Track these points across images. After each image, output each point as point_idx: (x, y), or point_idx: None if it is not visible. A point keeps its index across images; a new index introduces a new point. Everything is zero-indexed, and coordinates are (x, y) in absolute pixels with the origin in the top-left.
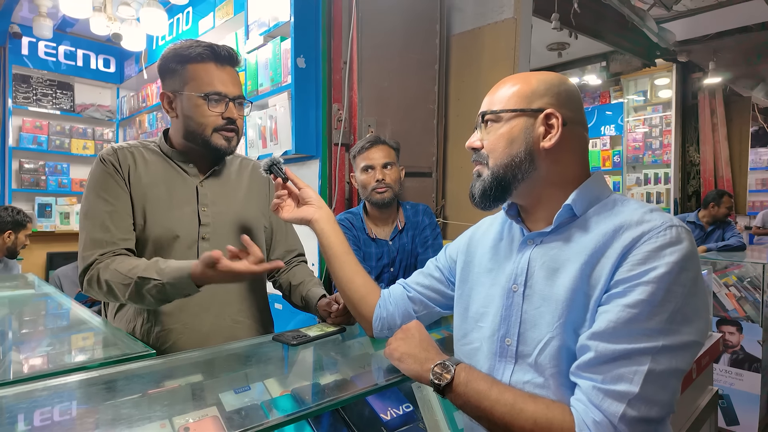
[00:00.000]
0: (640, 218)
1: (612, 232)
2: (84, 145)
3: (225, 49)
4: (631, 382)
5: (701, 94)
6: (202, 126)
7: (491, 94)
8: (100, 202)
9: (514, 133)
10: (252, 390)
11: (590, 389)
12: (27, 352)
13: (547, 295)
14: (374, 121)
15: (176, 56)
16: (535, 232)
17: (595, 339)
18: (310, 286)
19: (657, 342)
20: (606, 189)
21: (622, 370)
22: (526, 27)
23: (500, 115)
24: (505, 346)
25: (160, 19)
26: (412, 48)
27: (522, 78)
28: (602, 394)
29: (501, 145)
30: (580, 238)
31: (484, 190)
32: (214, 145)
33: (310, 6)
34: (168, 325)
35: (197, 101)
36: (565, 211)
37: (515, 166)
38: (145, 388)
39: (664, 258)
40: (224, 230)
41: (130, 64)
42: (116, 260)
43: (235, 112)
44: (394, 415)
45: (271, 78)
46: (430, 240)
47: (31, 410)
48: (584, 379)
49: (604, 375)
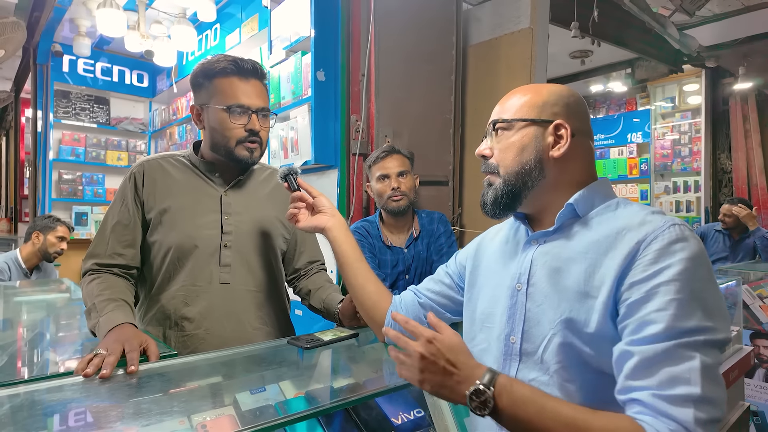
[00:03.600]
0: (641, 220)
1: (614, 234)
2: (118, 157)
3: (249, 62)
4: (689, 383)
5: (732, 99)
6: (226, 138)
7: (502, 103)
8: (111, 215)
9: (525, 142)
10: (267, 391)
11: (650, 398)
12: (62, 352)
13: (548, 292)
14: (391, 132)
15: (203, 71)
16: (539, 232)
17: (635, 344)
18: (329, 291)
19: (698, 337)
20: (610, 193)
21: (675, 369)
22: (543, 36)
23: (511, 124)
24: (510, 345)
25: (190, 35)
26: (428, 59)
27: (532, 89)
28: (665, 402)
29: (511, 153)
30: (582, 237)
31: (495, 198)
32: (237, 156)
33: (329, 21)
34: (191, 331)
35: (221, 114)
36: (567, 210)
37: (525, 173)
38: (166, 387)
39: (676, 254)
40: (245, 239)
41: (162, 79)
42: (101, 278)
43: (257, 124)
44: (405, 419)
45: (293, 91)
46: (444, 248)
47: (64, 404)
48: (638, 390)
49: (657, 379)
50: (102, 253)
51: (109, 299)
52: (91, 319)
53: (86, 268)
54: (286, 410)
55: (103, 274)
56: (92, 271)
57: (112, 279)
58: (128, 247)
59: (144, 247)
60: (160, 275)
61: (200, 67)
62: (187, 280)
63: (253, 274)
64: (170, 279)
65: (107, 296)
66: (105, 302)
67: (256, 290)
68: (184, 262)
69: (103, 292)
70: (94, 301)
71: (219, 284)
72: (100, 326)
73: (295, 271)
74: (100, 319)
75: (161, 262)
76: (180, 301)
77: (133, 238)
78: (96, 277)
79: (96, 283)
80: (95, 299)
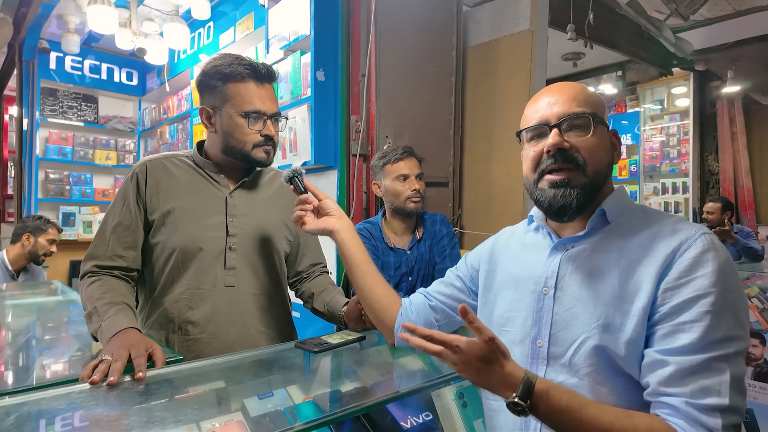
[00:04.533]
0: (672, 228)
1: (647, 242)
2: (107, 156)
3: (264, 66)
4: (719, 394)
5: (719, 102)
6: (242, 143)
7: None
8: (112, 216)
9: (606, 143)
10: (275, 396)
11: (683, 405)
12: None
13: (582, 297)
14: (392, 132)
15: (217, 74)
16: (567, 238)
17: (672, 354)
18: (333, 294)
19: (729, 349)
20: (631, 200)
21: (707, 382)
22: (542, 38)
23: (589, 121)
24: (537, 348)
25: (183, 33)
26: (429, 60)
27: (586, 88)
28: (696, 410)
29: (601, 151)
30: (612, 242)
31: (580, 200)
32: (255, 158)
33: (329, 21)
34: (195, 335)
35: (238, 120)
36: (598, 216)
37: (605, 176)
38: (173, 392)
39: (709, 264)
40: (250, 241)
41: (152, 77)
42: (101, 281)
43: (272, 128)
44: (414, 423)
45: (291, 91)
46: (447, 249)
47: (71, 412)
48: (672, 396)
49: (690, 389)
50: (102, 255)
51: (110, 303)
52: (92, 323)
53: (85, 270)
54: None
55: (103, 276)
56: (92, 273)
57: (113, 281)
58: (129, 248)
59: (146, 249)
60: (162, 278)
61: (212, 68)
62: (192, 283)
63: (257, 277)
64: (173, 282)
65: (109, 299)
66: (107, 306)
67: (260, 293)
68: (189, 265)
69: (104, 295)
70: (95, 305)
71: (224, 287)
72: (102, 331)
73: (297, 273)
74: (102, 324)
75: (164, 265)
76: (184, 304)
77: (135, 240)
78: (96, 280)
79: (96, 286)
80: (96, 302)
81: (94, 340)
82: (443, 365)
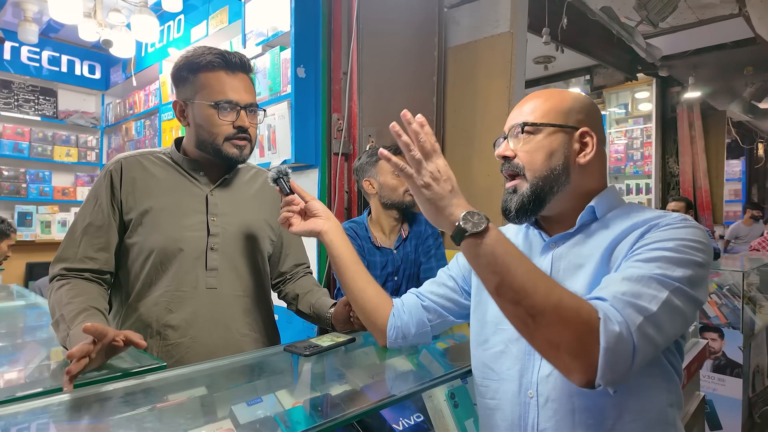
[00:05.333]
0: (657, 215)
1: (630, 226)
2: (67, 153)
3: (236, 55)
4: (650, 302)
5: (680, 107)
6: (213, 135)
7: (522, 106)
8: (83, 216)
9: (554, 147)
10: (264, 402)
11: (613, 296)
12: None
13: (575, 289)
14: (374, 131)
15: (187, 64)
16: (558, 235)
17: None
18: (319, 295)
19: (675, 283)
20: (621, 198)
21: (644, 290)
22: (522, 41)
23: (539, 128)
24: None
25: (151, 26)
26: (411, 59)
27: (556, 95)
28: (623, 303)
29: (540, 157)
30: (600, 234)
31: (521, 204)
32: (226, 153)
33: (310, 17)
34: (175, 339)
35: (208, 110)
36: (587, 212)
37: (553, 179)
38: (157, 401)
39: (681, 231)
40: (232, 241)
41: (117, 71)
42: (70, 284)
43: (246, 120)
44: (406, 425)
45: (270, 87)
46: (433, 249)
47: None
48: (609, 291)
49: (627, 290)
50: (72, 257)
51: (79, 309)
52: (60, 331)
53: (54, 273)
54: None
55: (72, 279)
56: (60, 276)
57: (83, 284)
58: (101, 250)
59: (120, 251)
60: (139, 281)
61: (184, 60)
62: (171, 286)
63: (240, 278)
64: (151, 284)
65: (77, 305)
66: (75, 312)
67: (243, 295)
68: (168, 267)
69: (73, 300)
70: (63, 312)
71: (205, 289)
72: (71, 340)
73: (280, 274)
74: (70, 333)
75: (141, 267)
76: (163, 308)
77: (107, 241)
78: (65, 283)
79: (65, 290)
80: (64, 309)
81: (65, 349)
82: (432, 366)
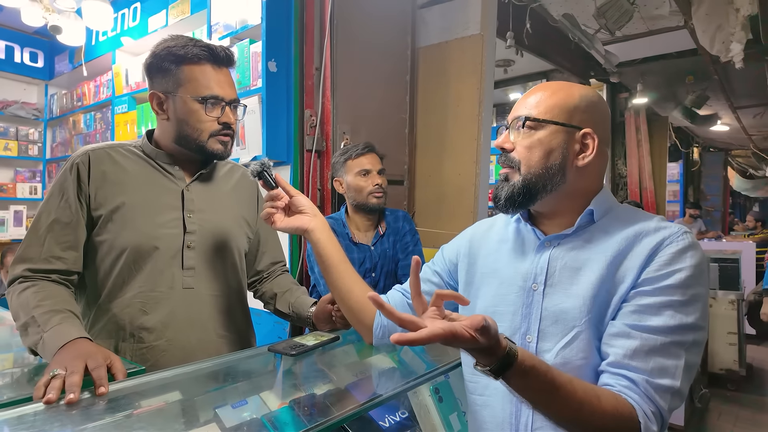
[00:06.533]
0: (656, 225)
1: (633, 237)
2: (6, 146)
3: (223, 49)
4: (674, 377)
5: (628, 112)
6: (198, 131)
7: (528, 97)
8: (47, 212)
9: (553, 145)
10: (249, 404)
11: (644, 383)
12: None
13: (571, 292)
14: (349, 129)
15: (170, 55)
16: (554, 235)
17: (638, 330)
18: (298, 294)
19: (689, 337)
20: (614, 198)
21: (666, 362)
22: (491, 43)
23: (541, 124)
24: (526, 343)
25: (104, 13)
26: (385, 58)
27: (564, 88)
28: (653, 389)
29: (537, 153)
30: (600, 240)
31: (511, 195)
32: (210, 150)
33: (281, 11)
34: (150, 342)
35: (194, 105)
36: (586, 215)
37: (547, 177)
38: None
39: (686, 260)
40: (209, 238)
41: (63, 60)
42: (37, 286)
43: (231, 116)
44: (392, 422)
45: (239, 81)
46: (410, 246)
47: None
48: (635, 372)
49: (651, 366)
50: (36, 257)
51: (52, 311)
52: (30, 335)
53: (16, 275)
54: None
55: (39, 281)
56: (24, 278)
57: (51, 287)
58: (69, 249)
59: (88, 249)
60: (110, 281)
61: (164, 50)
62: (145, 286)
63: (218, 277)
64: (123, 285)
65: (49, 307)
66: (48, 314)
67: (220, 295)
68: (142, 266)
69: (43, 303)
70: (33, 314)
71: (182, 289)
72: (45, 343)
73: (257, 273)
74: (44, 335)
75: (112, 266)
76: (137, 309)
77: (75, 239)
78: (30, 285)
79: (31, 292)
80: (33, 311)
81: (33, 354)
82: (415, 362)
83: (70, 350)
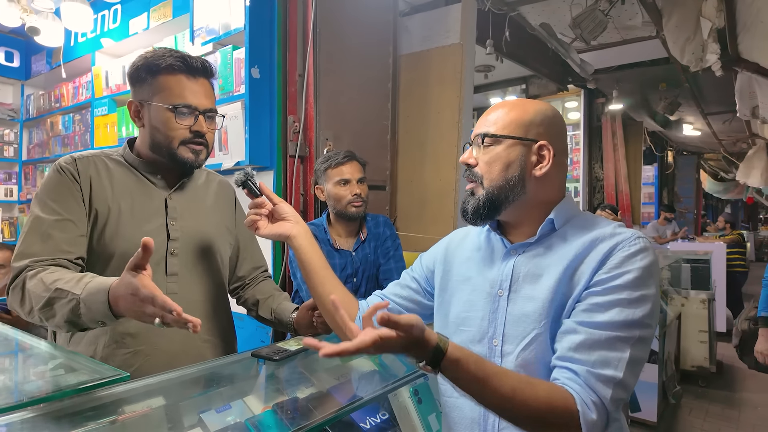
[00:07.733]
0: (612, 232)
1: (589, 243)
2: None
3: (198, 60)
4: (616, 368)
5: (604, 117)
6: (169, 138)
7: (488, 115)
8: (47, 212)
9: (511, 158)
10: (233, 408)
11: (585, 373)
12: None
13: (532, 296)
14: (332, 135)
15: (146, 65)
16: (518, 243)
17: (585, 326)
18: (280, 300)
19: (634, 333)
20: (577, 208)
21: (609, 355)
22: (471, 52)
23: (499, 140)
24: (493, 347)
25: (84, 14)
26: (367, 65)
27: (519, 105)
28: (594, 378)
29: (497, 167)
30: (560, 247)
31: (477, 208)
32: (181, 158)
33: (264, 17)
34: (134, 347)
35: (165, 113)
36: (547, 224)
37: (508, 188)
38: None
39: (636, 263)
40: (192, 245)
41: (40, 60)
42: (48, 270)
43: (204, 125)
44: (372, 423)
45: (221, 86)
46: (391, 251)
47: None
48: (577, 363)
49: (594, 358)
50: (40, 252)
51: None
52: (61, 307)
53: (20, 267)
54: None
55: (48, 266)
56: (30, 267)
57: (62, 269)
58: (78, 242)
59: None
60: None
61: (143, 60)
62: None
63: (201, 283)
64: None
65: (69, 278)
66: (71, 282)
67: (204, 300)
68: None
69: (63, 276)
70: (55, 287)
71: (165, 295)
72: (86, 303)
73: (238, 279)
74: (81, 297)
75: (100, 273)
76: None
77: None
78: (40, 270)
79: (45, 274)
80: (53, 286)
81: (74, 328)
82: (395, 365)
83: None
